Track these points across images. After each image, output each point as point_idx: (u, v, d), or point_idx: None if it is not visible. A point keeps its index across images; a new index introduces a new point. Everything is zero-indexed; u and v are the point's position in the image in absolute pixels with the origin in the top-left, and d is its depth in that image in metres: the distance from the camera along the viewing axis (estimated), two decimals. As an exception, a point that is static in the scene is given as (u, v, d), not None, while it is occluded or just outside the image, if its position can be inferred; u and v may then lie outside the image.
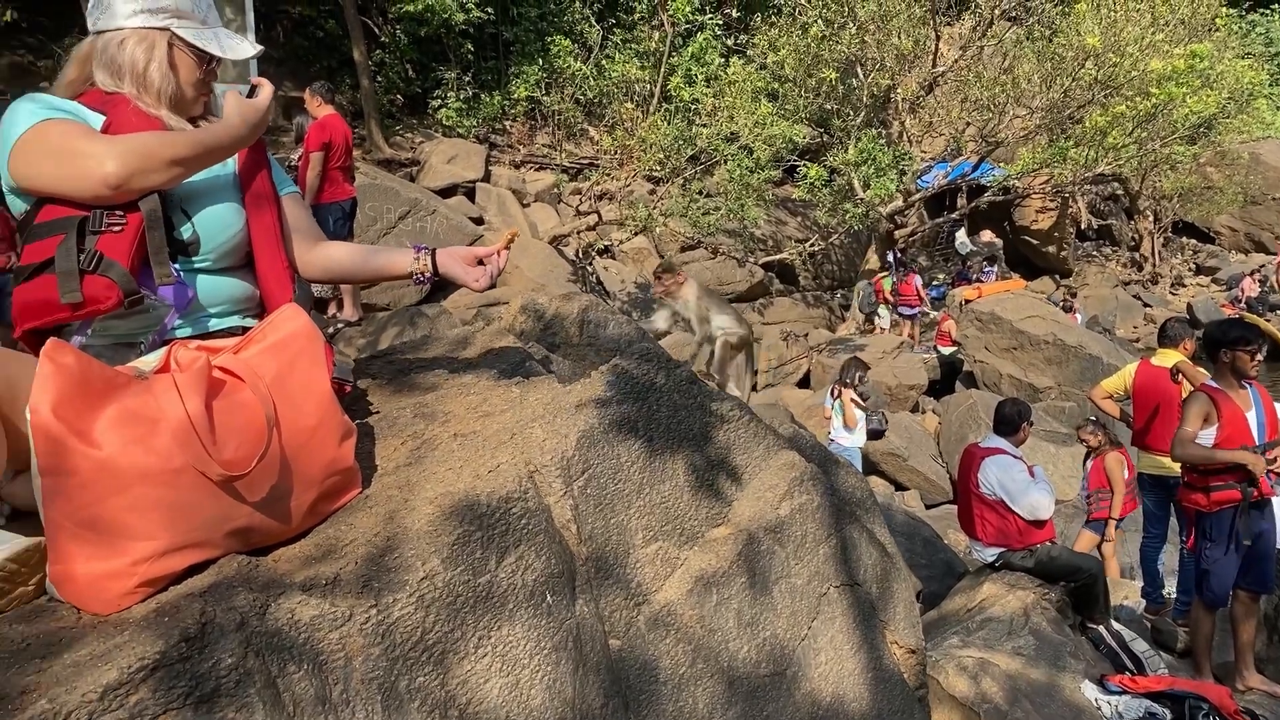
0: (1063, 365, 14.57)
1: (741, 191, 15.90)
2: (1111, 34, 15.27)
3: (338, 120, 7.96)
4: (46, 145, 1.83)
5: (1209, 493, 5.19)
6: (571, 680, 1.72)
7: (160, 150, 1.84)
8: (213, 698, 1.31)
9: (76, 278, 1.78)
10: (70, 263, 1.79)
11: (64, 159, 1.82)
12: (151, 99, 2.01)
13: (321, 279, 2.29)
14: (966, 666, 4.98)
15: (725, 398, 2.34)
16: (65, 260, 1.79)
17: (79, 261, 1.79)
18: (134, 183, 1.82)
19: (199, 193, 2.02)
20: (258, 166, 2.13)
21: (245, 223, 2.08)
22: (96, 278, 1.79)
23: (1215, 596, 5.30)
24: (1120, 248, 26.78)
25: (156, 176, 1.84)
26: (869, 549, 2.51)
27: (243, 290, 2.09)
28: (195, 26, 2.03)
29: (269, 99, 2.05)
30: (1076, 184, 17.75)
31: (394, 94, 18.42)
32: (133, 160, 1.80)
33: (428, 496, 1.76)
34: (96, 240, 1.82)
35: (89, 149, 1.81)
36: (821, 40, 16.20)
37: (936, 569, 7.45)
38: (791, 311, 18.45)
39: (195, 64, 2.05)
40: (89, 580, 1.47)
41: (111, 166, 1.79)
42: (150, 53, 1.99)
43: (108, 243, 1.83)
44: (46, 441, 1.45)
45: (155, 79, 2.00)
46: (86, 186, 1.81)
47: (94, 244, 1.81)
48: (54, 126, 1.86)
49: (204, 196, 2.02)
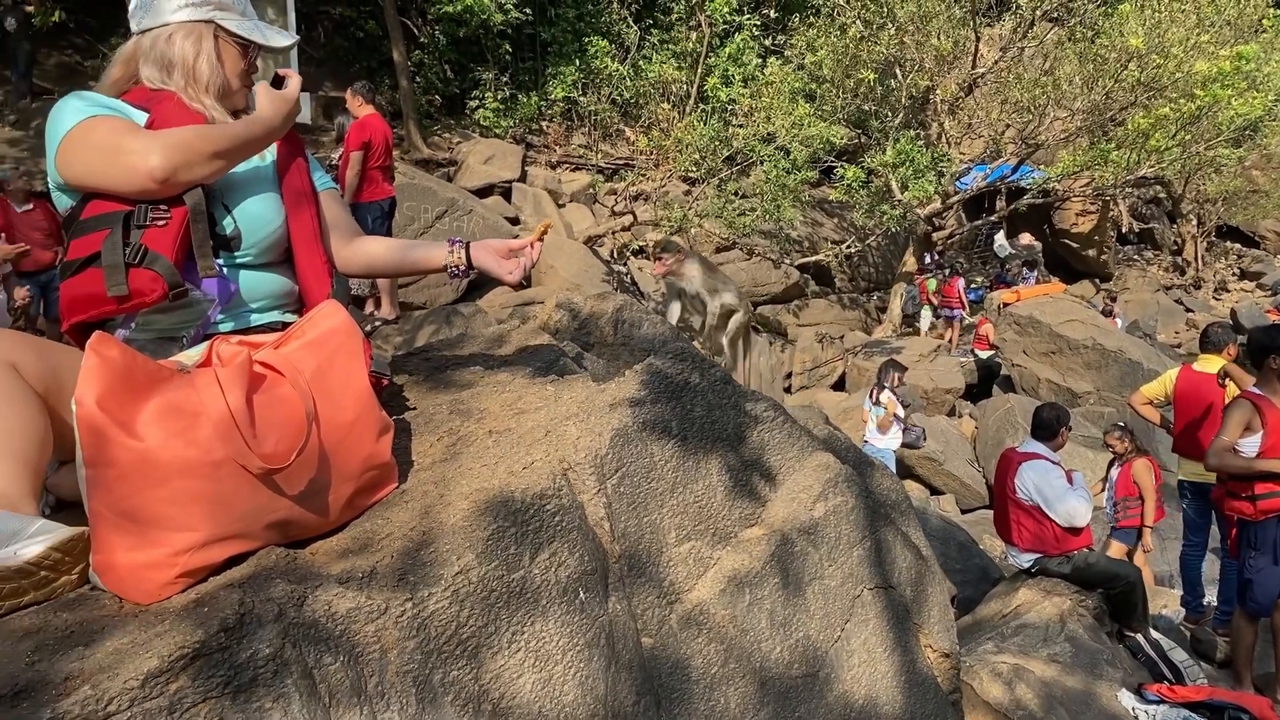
0: (1102, 370, 14.39)
1: (778, 192, 15.85)
2: (1156, 35, 15.05)
3: (378, 120, 8.03)
4: (92, 141, 1.87)
5: (1255, 501, 5.10)
6: (604, 677, 1.72)
7: (202, 144, 1.87)
8: (250, 687, 1.32)
9: (122, 271, 1.81)
10: (116, 256, 1.82)
11: (109, 154, 1.85)
12: (200, 91, 2.04)
13: (360, 274, 2.33)
14: (1001, 672, 4.93)
15: (760, 398, 2.33)
16: (111, 254, 1.82)
17: (125, 255, 1.82)
18: (178, 176, 1.85)
19: (240, 187, 2.05)
20: (295, 162, 2.16)
21: (285, 218, 2.11)
22: (142, 271, 1.82)
23: (1259, 606, 5.21)
24: (1162, 252, 26.41)
25: (200, 170, 1.88)
26: (904, 552, 2.49)
27: (283, 285, 2.12)
28: (236, 18, 2.07)
29: (297, 89, 2.07)
30: (1118, 187, 17.48)
31: (432, 94, 18.54)
32: (176, 154, 1.83)
33: (463, 492, 1.77)
34: (142, 235, 1.85)
35: (134, 144, 1.84)
36: (860, 41, 16.10)
37: (971, 574, 7.38)
38: (827, 313, 18.35)
39: (239, 54, 2.09)
40: (130, 570, 1.49)
41: (156, 160, 1.82)
42: (199, 45, 2.03)
43: (153, 237, 1.86)
44: (90, 433, 1.48)
45: (204, 71, 2.04)
46: (132, 181, 1.84)
47: (139, 238, 1.84)
48: (100, 123, 1.89)
49: (245, 191, 2.05)
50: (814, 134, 15.75)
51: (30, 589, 1.47)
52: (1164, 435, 9.35)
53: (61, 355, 1.76)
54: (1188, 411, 6.59)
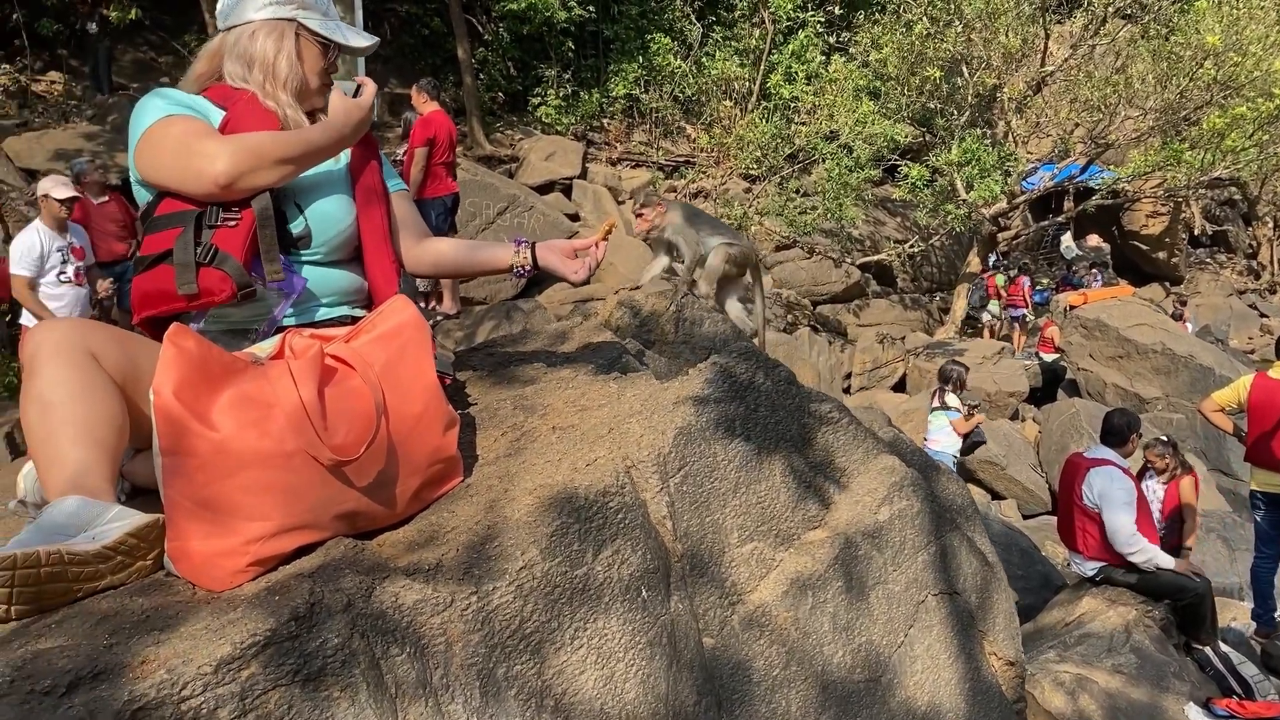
0: (1171, 375, 14.05)
1: (840, 191, 15.68)
2: (1233, 32, 14.62)
3: (442, 116, 8.11)
4: (166, 142, 1.92)
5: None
6: (665, 676, 1.72)
7: (270, 150, 1.90)
8: (319, 676, 1.34)
9: (193, 270, 1.86)
10: (187, 255, 1.87)
11: (181, 156, 1.90)
12: (278, 88, 2.08)
13: (427, 273, 2.36)
14: (1063, 682, 4.84)
15: (825, 399, 2.31)
16: (183, 253, 1.87)
17: (195, 255, 1.87)
18: (243, 182, 1.89)
19: (312, 188, 2.09)
20: (368, 163, 2.19)
21: (355, 218, 2.14)
22: (212, 270, 1.87)
23: (1333, 621, 5.06)
24: (1236, 255, 25.69)
25: (265, 175, 1.91)
26: (969, 558, 2.45)
27: (351, 282, 2.15)
28: (318, 18, 2.11)
29: (371, 98, 2.10)
30: (1191, 188, 17.02)
31: (495, 91, 18.67)
32: (243, 160, 1.87)
33: (527, 487, 1.78)
34: (213, 234, 1.90)
35: (204, 148, 1.88)
36: (926, 38, 15.87)
37: (1033, 581, 7.25)
38: (888, 313, 18.14)
39: (319, 53, 2.12)
40: (204, 557, 1.52)
41: (222, 166, 1.86)
42: (280, 43, 2.07)
43: (223, 237, 1.90)
44: (167, 422, 1.51)
45: (283, 68, 2.07)
46: (200, 185, 1.89)
47: (210, 238, 1.89)
48: (177, 123, 1.94)
49: (317, 192, 2.09)
50: (878, 132, 15.57)
51: (107, 573, 1.51)
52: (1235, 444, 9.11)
53: (139, 346, 1.80)
54: (1263, 420, 6.41)
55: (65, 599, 1.46)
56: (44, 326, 1.69)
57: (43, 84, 14.48)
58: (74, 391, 1.62)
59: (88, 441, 1.61)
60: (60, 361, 1.63)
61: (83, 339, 1.67)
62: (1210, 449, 12.06)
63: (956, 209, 15.65)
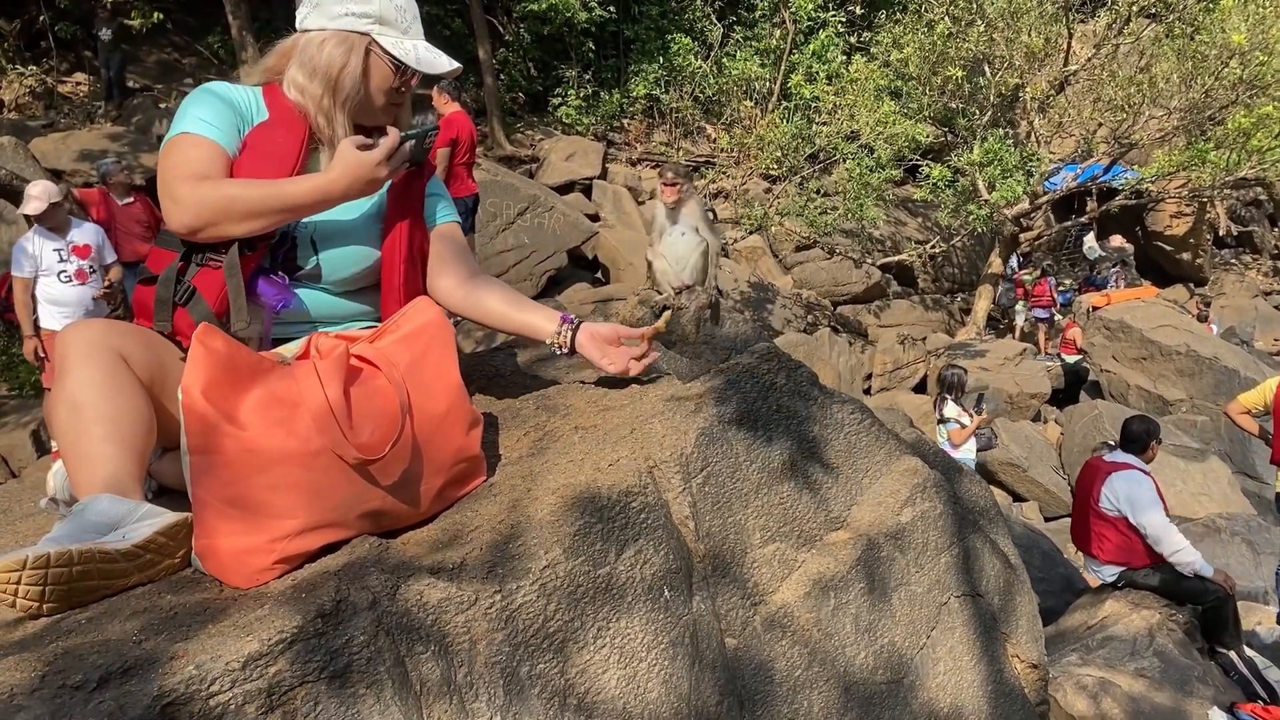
0: (1196, 377, 13.92)
1: (860, 191, 15.64)
2: (1259, 31, 14.48)
3: (463, 117, 8.15)
4: (166, 164, 1.90)
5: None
6: (688, 676, 1.72)
7: (239, 206, 1.83)
8: (345, 673, 1.35)
9: (169, 309, 1.88)
10: (167, 293, 1.88)
11: (165, 188, 1.88)
12: (335, 106, 2.02)
13: (462, 313, 2.20)
14: (1086, 685, 4.81)
15: (847, 400, 2.31)
16: (164, 289, 1.89)
17: (175, 293, 1.88)
18: (208, 233, 1.86)
19: (333, 228, 2.03)
20: (408, 203, 2.10)
21: (376, 260, 2.08)
22: (185, 312, 1.88)
23: (1360, 626, 5.01)
24: (1262, 256, 25.44)
25: (232, 229, 1.86)
26: (992, 559, 2.44)
27: (361, 309, 2.12)
28: (396, 35, 2.03)
29: (384, 154, 1.92)
30: (1216, 188, 16.86)
31: (516, 92, 18.74)
32: (207, 215, 1.83)
33: (550, 487, 1.79)
34: (197, 273, 1.89)
35: (178, 192, 1.84)
36: (948, 38, 15.81)
37: (1055, 584, 7.22)
38: (909, 314, 18.08)
39: (390, 73, 2.04)
40: (231, 555, 1.54)
41: (185, 218, 1.84)
42: (347, 56, 1.99)
43: (204, 278, 1.89)
44: (196, 421, 1.53)
45: (346, 85, 2.00)
46: (170, 225, 1.88)
47: (192, 276, 1.89)
48: (182, 148, 1.91)
49: (337, 232, 2.03)
50: (899, 132, 15.50)
51: (135, 571, 1.53)
52: (1260, 447, 9.02)
53: (166, 348, 1.83)
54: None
55: (96, 596, 1.48)
56: (75, 328, 1.71)
57: (68, 85, 14.64)
58: (103, 392, 1.64)
59: (117, 441, 1.63)
60: (90, 363, 1.65)
61: (112, 341, 1.70)
62: (1235, 452, 11.96)
63: (978, 209, 15.58)
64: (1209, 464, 10.72)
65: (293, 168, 1.96)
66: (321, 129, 2.04)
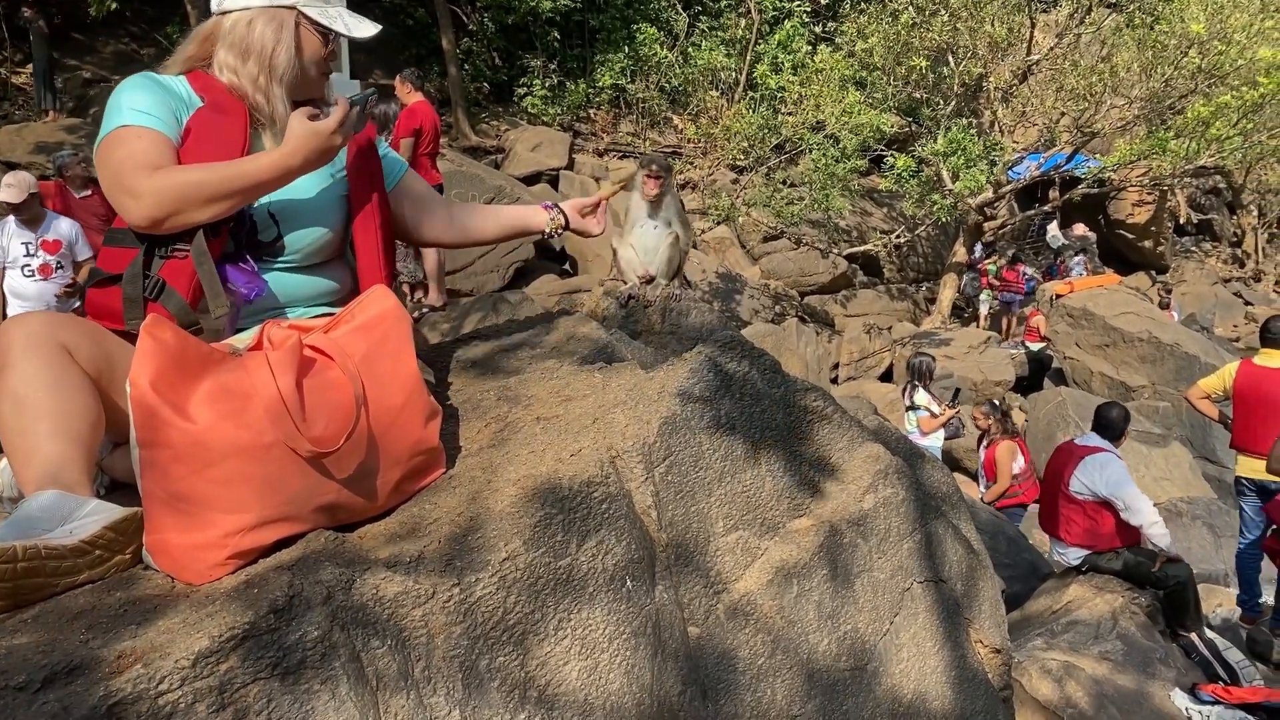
0: (1157, 364, 14.10)
1: (826, 181, 15.70)
2: (1217, 21, 14.65)
3: (426, 107, 8.07)
4: (112, 160, 1.84)
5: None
6: (650, 666, 1.71)
7: (200, 190, 1.80)
8: (299, 669, 1.33)
9: (140, 306, 1.82)
10: (136, 290, 1.82)
11: (115, 185, 1.83)
12: (272, 83, 2.00)
13: (459, 244, 2.41)
14: (1051, 669, 4.86)
15: (810, 388, 2.31)
16: (132, 286, 1.83)
17: (144, 289, 1.83)
18: (171, 223, 1.81)
19: (291, 198, 2.01)
20: (366, 165, 2.11)
21: (339, 225, 2.08)
22: (158, 306, 1.82)
23: (1318, 606, 5.09)
24: (1221, 243, 25.82)
25: (195, 215, 1.82)
26: (954, 545, 2.45)
27: (329, 286, 2.10)
28: (319, 5, 2.02)
29: (335, 122, 1.90)
30: (1176, 177, 17.07)
31: (480, 82, 18.62)
32: (168, 204, 1.79)
33: (510, 478, 1.77)
34: (163, 265, 1.85)
35: (135, 185, 1.79)
36: (912, 28, 15.86)
37: (1020, 569, 7.28)
38: (875, 304, 18.18)
39: (320, 43, 2.04)
40: (182, 550, 1.50)
41: (147, 211, 1.79)
42: (279, 33, 1.98)
43: (172, 270, 1.85)
44: (144, 414, 1.49)
45: (282, 61, 1.99)
46: (128, 221, 1.84)
47: (159, 269, 1.84)
48: (126, 141, 1.85)
49: (295, 202, 2.02)
50: (864, 122, 15.56)
51: (85, 568, 1.49)
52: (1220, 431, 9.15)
53: (114, 339, 1.78)
54: (1248, 407, 6.45)
55: (42, 594, 1.44)
56: (15, 321, 1.67)
57: (22, 76, 14.36)
58: (48, 386, 1.60)
59: (63, 436, 1.59)
60: (33, 356, 1.61)
61: (55, 333, 1.65)
62: (1196, 437, 12.12)
63: (942, 199, 15.68)
64: (1170, 449, 10.86)
65: (241, 149, 1.93)
66: (261, 108, 2.01)
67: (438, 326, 8.16)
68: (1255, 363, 6.56)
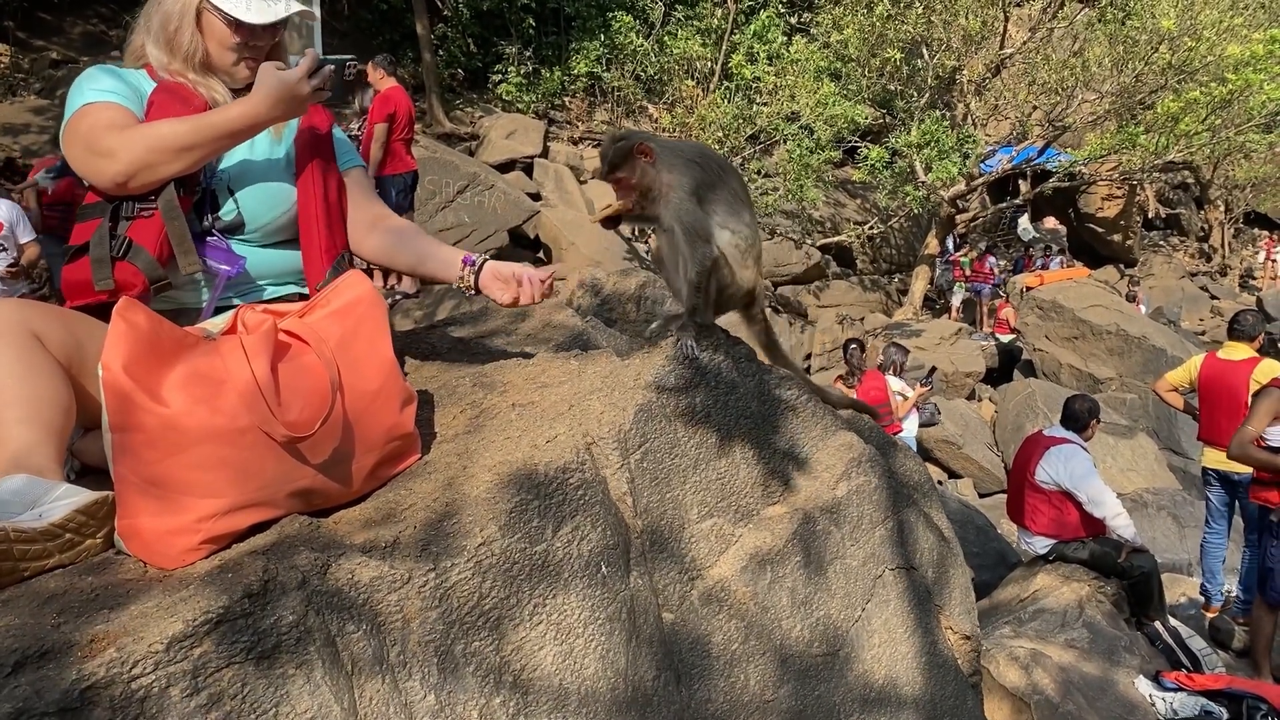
0: (1125, 356, 14.27)
1: (800, 172, 15.73)
2: (1188, 17, 14.83)
3: (400, 93, 8.02)
4: (80, 133, 1.88)
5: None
6: (624, 651, 1.72)
7: (170, 140, 1.84)
8: (274, 653, 1.33)
9: (108, 265, 1.85)
10: (103, 250, 1.86)
11: (87, 152, 1.87)
12: (180, 64, 2.02)
13: (373, 262, 2.26)
14: (1018, 657, 4.92)
15: (784, 377, 2.32)
16: (99, 248, 1.86)
17: (111, 249, 1.86)
18: (145, 176, 1.85)
19: (247, 173, 2.04)
20: (315, 143, 2.12)
21: (295, 201, 2.10)
22: (126, 264, 1.86)
23: (1279, 596, 5.18)
24: (1189, 238, 26.14)
25: (169, 167, 1.86)
26: (926, 533, 2.48)
27: (295, 262, 2.12)
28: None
29: (302, 72, 1.93)
30: (1145, 171, 17.28)
31: (455, 68, 18.47)
32: (140, 156, 1.82)
33: (486, 464, 1.77)
34: (129, 226, 1.88)
35: (105, 144, 1.84)
36: (887, 20, 15.93)
37: (989, 558, 7.36)
38: (848, 295, 18.27)
39: (227, 29, 2.02)
40: (155, 535, 1.49)
41: (119, 166, 1.83)
42: (181, 18, 2.00)
43: (138, 229, 1.88)
44: (117, 398, 1.48)
45: (184, 43, 2.01)
46: (102, 181, 1.87)
47: (125, 230, 1.88)
48: (92, 113, 1.90)
49: (251, 177, 2.05)
50: (838, 113, 15.59)
51: (55, 551, 1.48)
52: (1186, 423, 9.28)
53: (84, 325, 1.77)
54: (1213, 399, 6.54)
55: (12, 579, 1.43)
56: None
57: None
58: (17, 372, 1.59)
59: (33, 421, 1.58)
60: (2, 343, 1.60)
61: (25, 319, 1.64)
62: (1162, 429, 12.29)
63: (915, 190, 15.78)
64: (1137, 440, 11.00)
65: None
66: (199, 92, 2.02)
67: (411, 313, 8.12)
68: (1219, 356, 6.65)
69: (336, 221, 2.14)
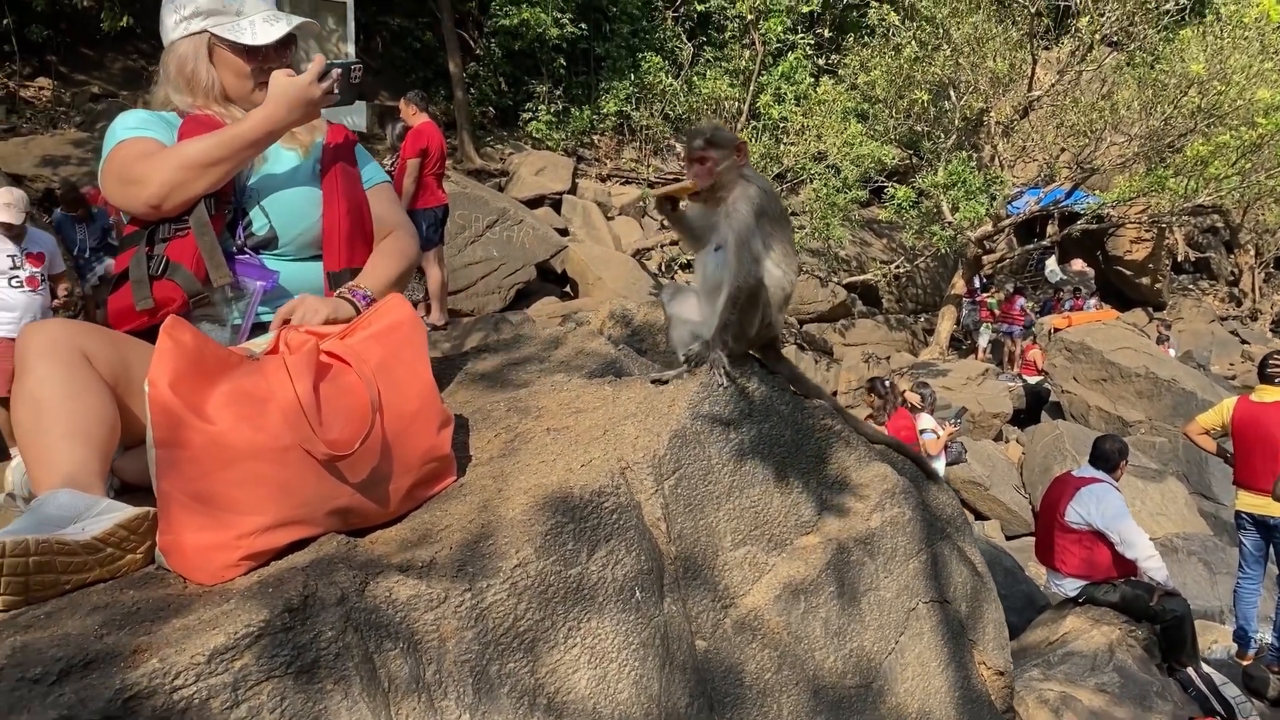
0: (1154, 399, 14.11)
1: (827, 211, 15.76)
2: (1217, 61, 14.80)
3: (433, 128, 8.12)
4: (115, 168, 1.97)
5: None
6: (658, 677, 1.71)
7: (195, 157, 1.91)
8: (313, 668, 1.33)
9: (147, 285, 1.92)
10: (141, 271, 1.93)
11: (121, 184, 1.95)
12: (203, 99, 2.11)
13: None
14: (1048, 700, 4.83)
15: (818, 405, 2.31)
16: (137, 269, 1.94)
17: (149, 268, 1.93)
18: (177, 196, 1.92)
19: (276, 188, 2.11)
20: (339, 160, 2.19)
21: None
22: (165, 282, 1.93)
23: (1315, 643, 5.08)
24: (1218, 282, 25.91)
25: (199, 184, 1.93)
26: (960, 567, 2.45)
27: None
28: (230, 20, 2.09)
29: (313, 73, 2.01)
30: (1174, 215, 17.20)
31: (486, 106, 18.70)
32: (168, 177, 1.90)
33: (521, 487, 1.77)
34: (166, 246, 1.95)
35: (137, 172, 1.92)
36: (914, 62, 16.00)
37: (1017, 600, 7.26)
38: (874, 334, 18.22)
39: (240, 58, 2.10)
40: (196, 550, 1.51)
41: (152, 189, 1.90)
42: (195, 58, 2.09)
43: (175, 248, 1.95)
44: (163, 415, 1.50)
45: (201, 79, 2.10)
46: (137, 209, 1.95)
47: (163, 250, 1.95)
48: (124, 148, 1.98)
49: (281, 192, 2.11)
50: (865, 153, 15.65)
51: (96, 565, 1.49)
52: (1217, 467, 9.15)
53: (130, 346, 1.81)
54: (1248, 442, 6.46)
55: (54, 591, 1.45)
56: (35, 327, 1.69)
57: (31, 90, 14.41)
58: (65, 389, 1.62)
59: (78, 438, 1.61)
60: (51, 360, 1.63)
61: (73, 339, 1.68)
62: (1192, 473, 12.11)
63: (942, 231, 15.76)
64: (1167, 484, 10.85)
65: None
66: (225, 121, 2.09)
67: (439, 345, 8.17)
68: (1252, 399, 6.58)
69: (357, 237, 2.18)
